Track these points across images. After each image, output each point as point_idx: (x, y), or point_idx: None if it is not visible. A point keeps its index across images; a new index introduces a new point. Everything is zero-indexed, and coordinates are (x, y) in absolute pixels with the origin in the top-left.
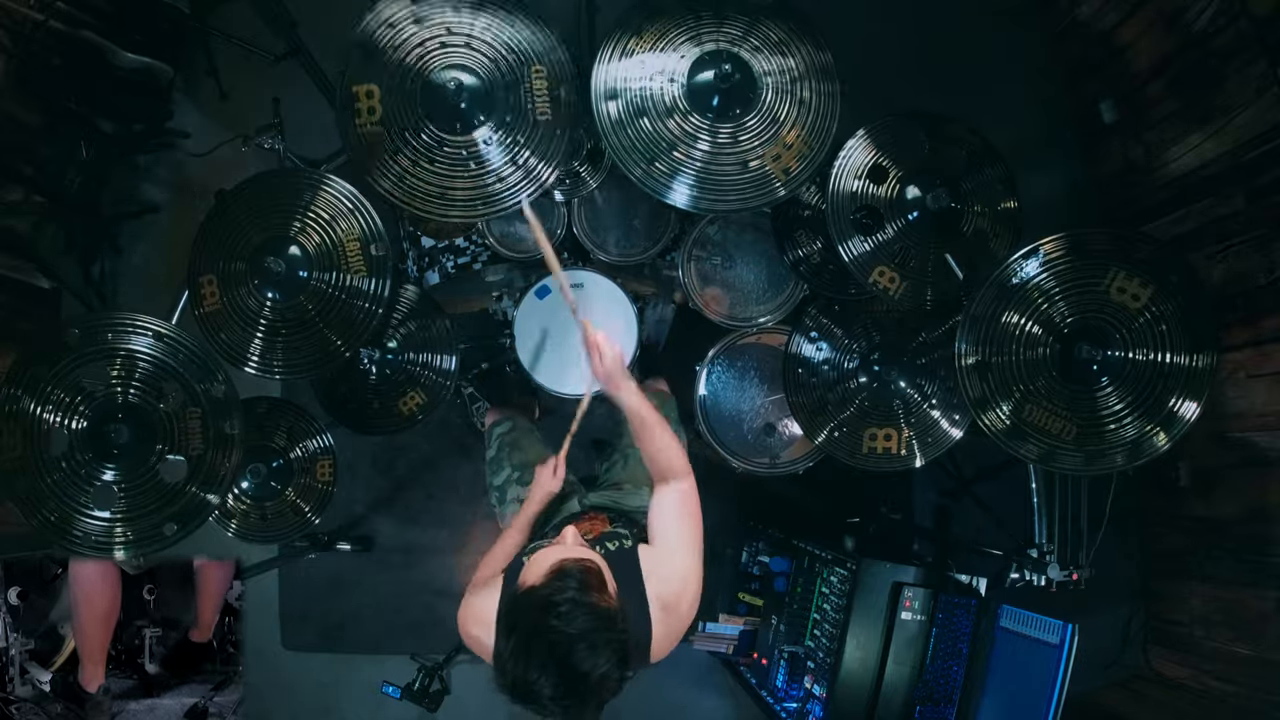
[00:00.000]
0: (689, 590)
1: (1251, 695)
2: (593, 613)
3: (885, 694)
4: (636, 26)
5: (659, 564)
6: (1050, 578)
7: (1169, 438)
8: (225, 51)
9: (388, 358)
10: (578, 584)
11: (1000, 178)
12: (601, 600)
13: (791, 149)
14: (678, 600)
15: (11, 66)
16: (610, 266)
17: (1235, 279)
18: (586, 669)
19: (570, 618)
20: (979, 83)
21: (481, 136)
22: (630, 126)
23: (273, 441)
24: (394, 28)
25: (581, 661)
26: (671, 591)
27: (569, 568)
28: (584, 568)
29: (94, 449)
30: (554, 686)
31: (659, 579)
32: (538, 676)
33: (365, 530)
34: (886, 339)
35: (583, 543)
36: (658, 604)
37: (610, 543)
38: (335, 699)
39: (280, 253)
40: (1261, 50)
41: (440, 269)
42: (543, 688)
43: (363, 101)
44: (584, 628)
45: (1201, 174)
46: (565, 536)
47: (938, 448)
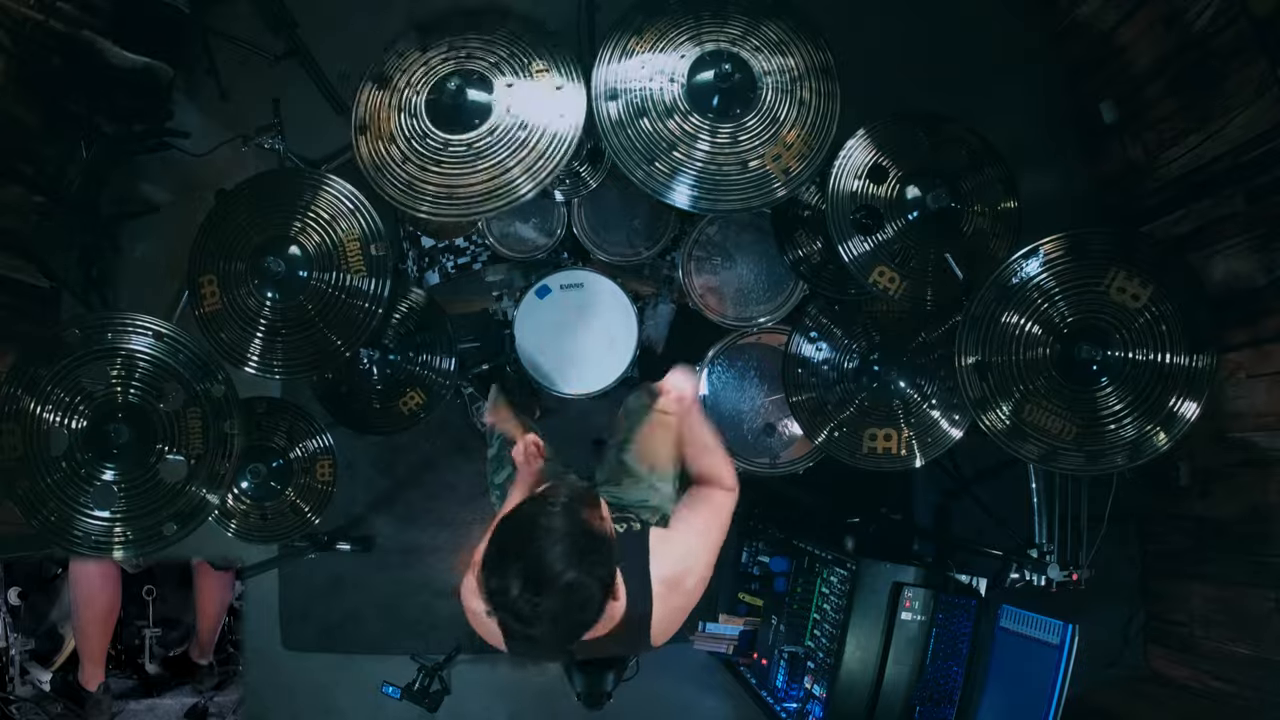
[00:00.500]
0: (695, 570)
1: (1251, 695)
2: (575, 519)
3: (885, 694)
4: (637, 26)
5: (668, 544)
6: (1050, 578)
7: (1169, 438)
8: (225, 51)
9: (388, 357)
10: (570, 493)
11: (1000, 178)
12: (590, 515)
13: (791, 149)
14: (681, 578)
15: (11, 66)
16: (610, 266)
17: (1235, 279)
18: (558, 569)
19: (554, 516)
20: (979, 83)
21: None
22: (630, 127)
23: (273, 441)
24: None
25: (554, 561)
26: (676, 570)
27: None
28: (579, 486)
29: (94, 449)
30: (523, 584)
31: (665, 558)
32: (510, 570)
33: (365, 530)
34: (886, 339)
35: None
36: (661, 582)
37: (620, 525)
38: (335, 699)
39: (280, 253)
40: (1261, 50)
41: (440, 269)
42: (513, 583)
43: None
44: (563, 529)
45: (1201, 174)
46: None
47: (938, 448)
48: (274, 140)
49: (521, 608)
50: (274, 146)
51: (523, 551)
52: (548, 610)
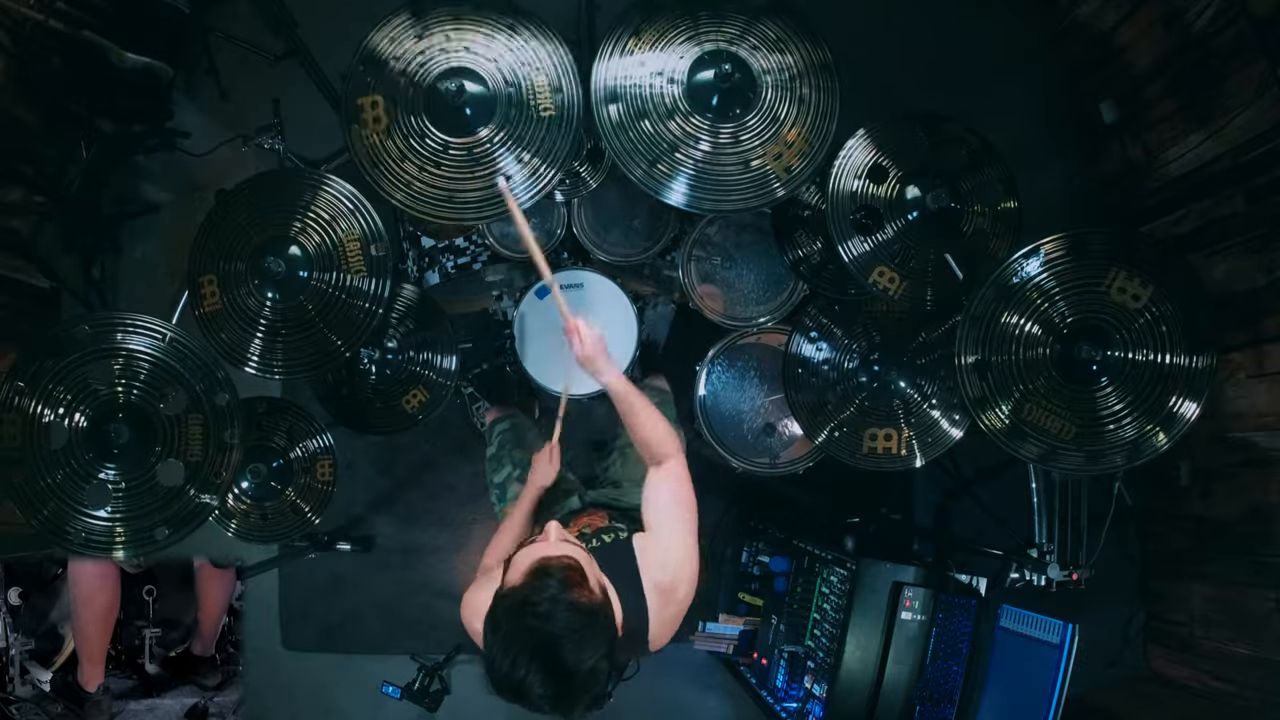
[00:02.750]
0: (685, 572)
1: (1251, 695)
2: (574, 609)
3: (885, 694)
4: (635, 26)
5: (654, 550)
6: (1050, 578)
7: (1169, 438)
8: (225, 51)
9: (388, 357)
10: (557, 582)
11: (1000, 178)
12: (582, 596)
13: (793, 147)
14: (674, 584)
15: (11, 66)
16: (610, 266)
17: (1235, 279)
18: (572, 664)
19: (550, 616)
20: (979, 83)
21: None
22: (631, 129)
23: (273, 441)
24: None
25: (567, 657)
26: (667, 576)
27: (549, 566)
28: (564, 565)
29: (94, 448)
30: (542, 684)
31: (654, 565)
32: (525, 674)
33: (365, 530)
34: (886, 339)
35: (567, 537)
36: (654, 591)
37: (606, 535)
38: (335, 699)
39: (280, 253)
40: (1261, 50)
41: (440, 269)
42: (531, 685)
43: (368, 113)
44: (566, 625)
45: (1201, 174)
46: (549, 533)
47: (938, 448)
48: (274, 140)
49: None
50: (274, 146)
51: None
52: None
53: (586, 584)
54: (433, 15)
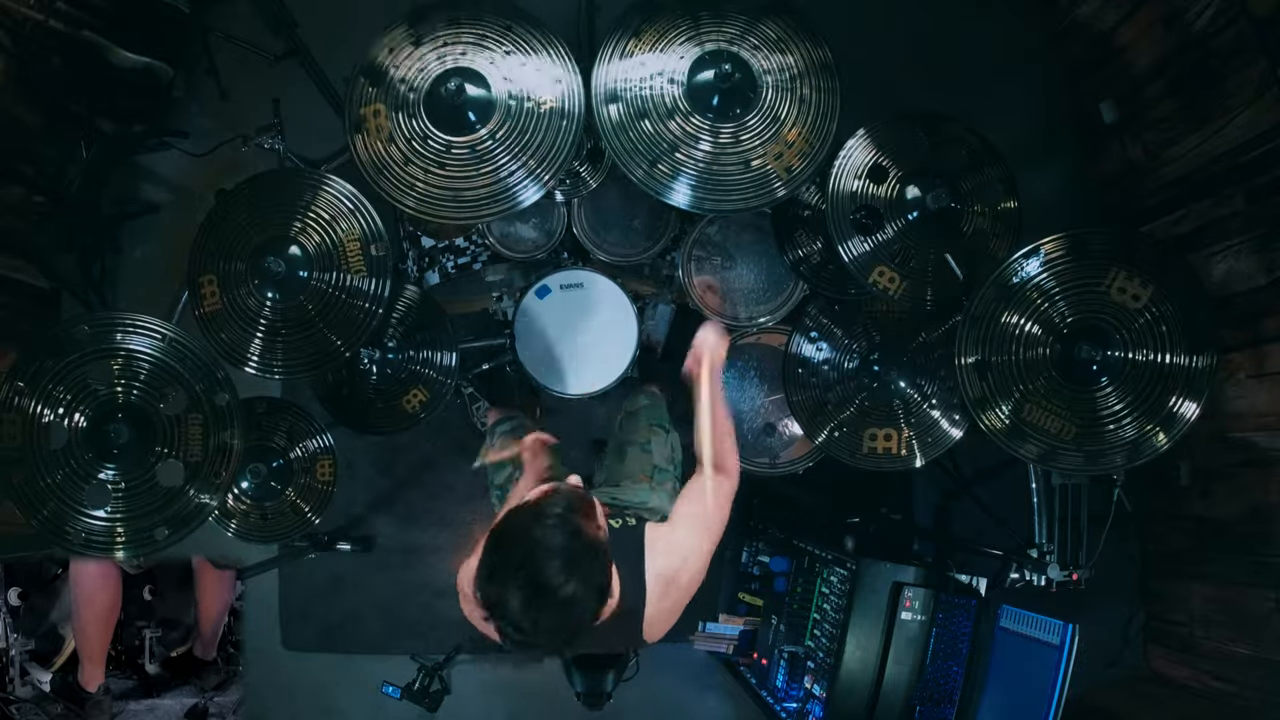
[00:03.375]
0: (690, 568)
1: (1251, 695)
2: (575, 533)
3: (885, 694)
4: (635, 27)
5: (664, 540)
6: (1050, 578)
7: (1169, 438)
8: (225, 51)
9: (388, 357)
10: (566, 503)
11: (1000, 178)
12: (588, 526)
13: (793, 147)
14: (676, 574)
15: (11, 66)
16: (610, 266)
17: (1235, 279)
18: (555, 583)
19: (552, 530)
20: (979, 83)
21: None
22: (632, 129)
23: (273, 441)
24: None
25: (552, 575)
26: (671, 566)
27: (563, 490)
28: (579, 495)
29: (94, 448)
30: (522, 598)
31: (661, 554)
32: (508, 584)
33: (365, 530)
34: (886, 339)
35: (576, 479)
36: (656, 578)
37: (615, 520)
38: (335, 699)
39: (280, 253)
40: (1261, 50)
41: (440, 269)
42: (512, 596)
43: (370, 121)
44: (561, 543)
45: (1201, 174)
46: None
47: (938, 448)
48: (274, 140)
49: (521, 620)
50: (274, 146)
51: (521, 565)
52: (546, 623)
53: (594, 518)
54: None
